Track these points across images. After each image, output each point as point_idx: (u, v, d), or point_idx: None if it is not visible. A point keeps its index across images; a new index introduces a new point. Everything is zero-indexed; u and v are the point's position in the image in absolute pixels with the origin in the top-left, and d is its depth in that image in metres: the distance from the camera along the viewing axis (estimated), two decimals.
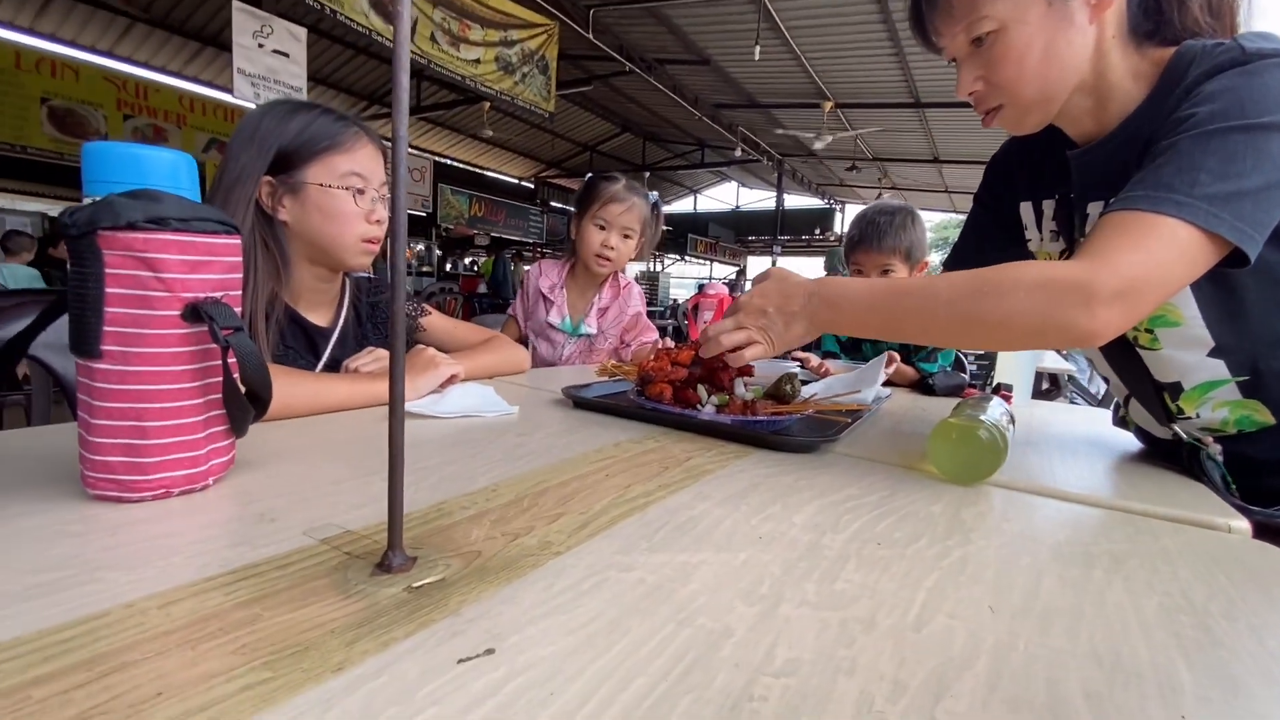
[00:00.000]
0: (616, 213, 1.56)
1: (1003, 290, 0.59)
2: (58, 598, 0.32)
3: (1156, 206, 0.57)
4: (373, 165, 0.93)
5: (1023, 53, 0.65)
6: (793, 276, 0.73)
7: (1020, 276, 0.59)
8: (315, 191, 0.88)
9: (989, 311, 0.60)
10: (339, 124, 0.91)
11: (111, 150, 0.47)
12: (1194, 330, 0.68)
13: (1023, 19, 0.64)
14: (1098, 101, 0.70)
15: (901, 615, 0.36)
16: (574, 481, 0.57)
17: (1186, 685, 0.31)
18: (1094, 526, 0.54)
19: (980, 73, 0.68)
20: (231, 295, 0.48)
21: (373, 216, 0.93)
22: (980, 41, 0.66)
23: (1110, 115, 0.70)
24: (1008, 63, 0.66)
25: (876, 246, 1.44)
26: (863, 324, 0.68)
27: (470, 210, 11.07)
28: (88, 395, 0.45)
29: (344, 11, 4.34)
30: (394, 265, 0.35)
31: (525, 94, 6.12)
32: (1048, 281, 0.58)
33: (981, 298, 0.60)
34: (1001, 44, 0.65)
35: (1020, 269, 0.60)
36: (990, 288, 0.59)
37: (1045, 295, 0.58)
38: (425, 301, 1.23)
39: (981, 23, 0.65)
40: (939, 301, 0.62)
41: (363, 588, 0.35)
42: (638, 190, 1.60)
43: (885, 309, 0.66)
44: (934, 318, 0.63)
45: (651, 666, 0.29)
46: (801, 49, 7.12)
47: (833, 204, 16.66)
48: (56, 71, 6.72)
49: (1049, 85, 0.66)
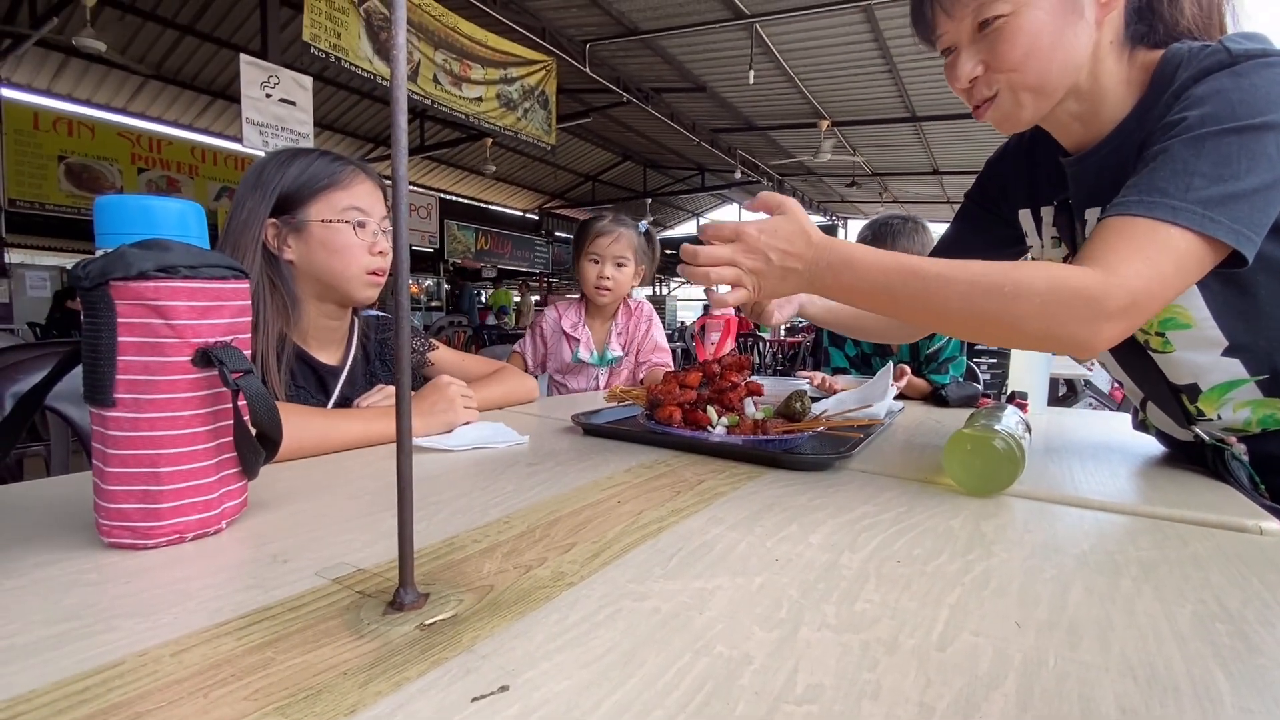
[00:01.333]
0: (605, 244, 1.65)
1: (1017, 293, 0.58)
2: (72, 648, 0.32)
3: (1152, 212, 0.57)
4: (372, 200, 0.96)
5: (1033, 37, 0.64)
6: (807, 222, 0.65)
7: (1033, 282, 0.58)
8: (318, 228, 0.91)
9: (999, 312, 0.59)
10: (336, 164, 0.94)
11: (122, 203, 0.48)
12: (1206, 331, 0.68)
13: (1037, 3, 0.63)
14: (1089, 107, 0.70)
15: (925, 634, 0.35)
16: (586, 510, 0.56)
17: (1226, 697, 0.30)
18: (1119, 534, 0.53)
19: (983, 57, 0.67)
20: (241, 339, 0.49)
21: (375, 248, 0.95)
22: (987, 25, 0.65)
23: (1102, 122, 0.70)
24: (1015, 46, 0.65)
25: (891, 247, 1.46)
26: (866, 296, 0.63)
27: (477, 244, 11.23)
28: (102, 444, 0.46)
29: (348, 59, 4.47)
30: (399, 302, 0.35)
31: (527, 129, 6.25)
32: (1059, 291, 0.57)
33: (994, 297, 0.59)
34: (1011, 27, 0.64)
35: (1033, 273, 0.59)
36: (1005, 287, 0.58)
37: (1056, 305, 0.57)
38: (435, 336, 1.24)
39: (996, 4, 0.64)
40: (952, 292, 0.60)
41: (375, 627, 0.35)
42: (624, 221, 1.69)
43: (894, 287, 0.62)
44: (944, 308, 0.61)
45: (669, 699, 0.29)
46: (795, 71, 7.23)
47: (834, 220, 16.75)
48: (73, 130, 6.96)
49: (1050, 76, 0.66)
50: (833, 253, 0.63)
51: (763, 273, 0.64)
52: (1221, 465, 0.71)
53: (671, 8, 6.05)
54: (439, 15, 5.16)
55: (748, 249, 0.64)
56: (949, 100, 7.76)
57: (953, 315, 0.61)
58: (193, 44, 7.26)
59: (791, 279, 0.64)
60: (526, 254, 12.51)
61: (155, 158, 7.54)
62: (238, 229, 0.89)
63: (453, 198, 12.31)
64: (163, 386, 0.45)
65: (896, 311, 0.64)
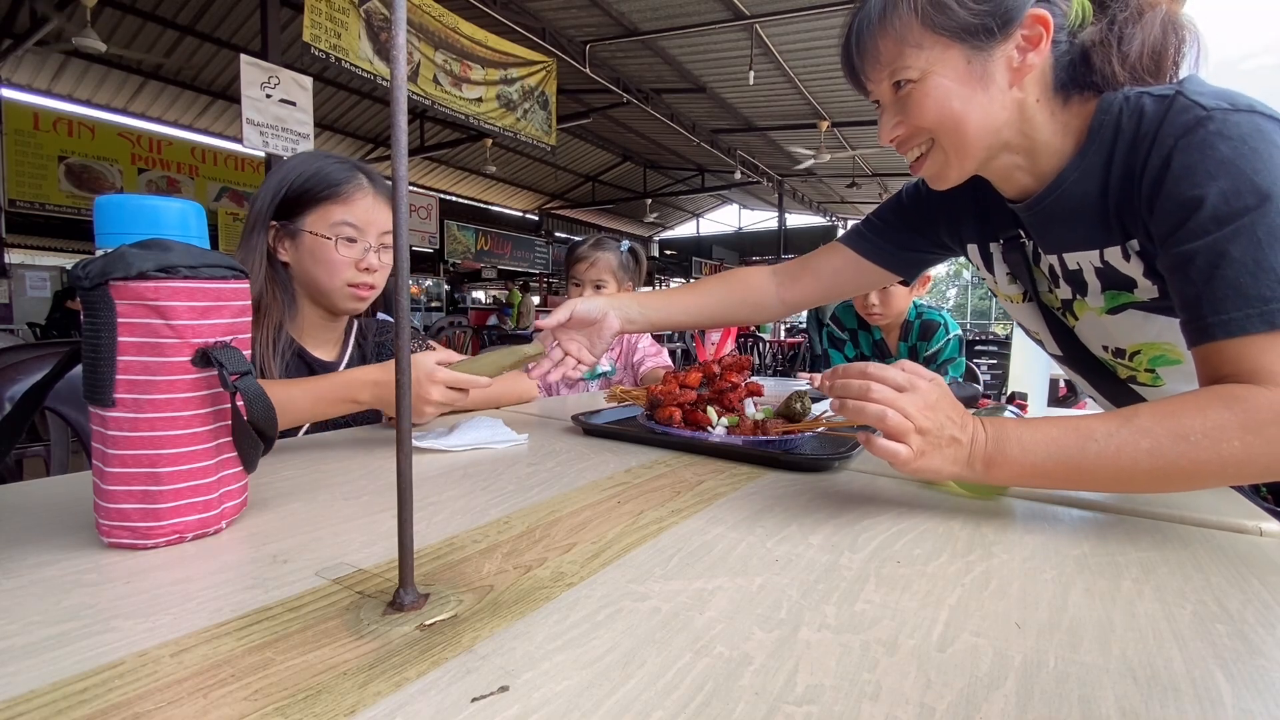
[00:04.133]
0: (583, 270, 1.73)
1: (1212, 437, 0.52)
2: (72, 648, 0.32)
3: (1274, 321, 0.54)
4: (370, 215, 0.96)
5: (940, 103, 0.65)
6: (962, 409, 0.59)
7: (1223, 422, 0.52)
8: (308, 238, 0.94)
9: (1201, 459, 0.52)
10: (344, 173, 0.95)
11: (122, 203, 0.48)
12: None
13: (941, 72, 0.64)
14: (1028, 159, 0.70)
15: (925, 635, 0.35)
16: (585, 510, 0.56)
17: (1227, 698, 0.30)
18: (1119, 535, 0.53)
19: (899, 117, 0.69)
20: (241, 339, 0.49)
21: (362, 264, 0.96)
22: (900, 86, 0.67)
23: (1044, 171, 0.70)
24: (925, 110, 0.66)
25: None
26: (1038, 471, 0.55)
27: (477, 244, 11.23)
28: (102, 444, 0.46)
29: (349, 59, 4.47)
30: (399, 302, 0.36)
31: (527, 129, 6.26)
32: (1258, 423, 0.52)
33: (1187, 445, 0.52)
34: (920, 91, 0.66)
35: (1210, 411, 0.53)
36: (1193, 435, 0.52)
37: (1265, 437, 0.51)
38: (435, 336, 1.25)
39: (904, 70, 0.66)
40: (1138, 450, 0.53)
41: (375, 627, 0.35)
42: (603, 244, 1.76)
43: (1068, 458, 0.54)
44: (1133, 467, 0.53)
45: (669, 699, 0.29)
46: (795, 72, 7.24)
47: (834, 221, 16.75)
48: (73, 130, 6.96)
49: (966, 139, 0.66)
50: (991, 425, 0.57)
51: (930, 435, 0.54)
52: None
53: (671, 8, 6.05)
54: (439, 16, 5.17)
55: (925, 405, 0.54)
56: None
57: (1144, 472, 0.53)
58: (193, 44, 7.26)
59: (951, 456, 0.56)
60: (526, 254, 12.51)
61: (155, 158, 7.55)
62: (250, 224, 0.94)
63: (453, 198, 12.33)
64: (163, 386, 0.45)
65: (1078, 479, 0.55)
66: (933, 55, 0.64)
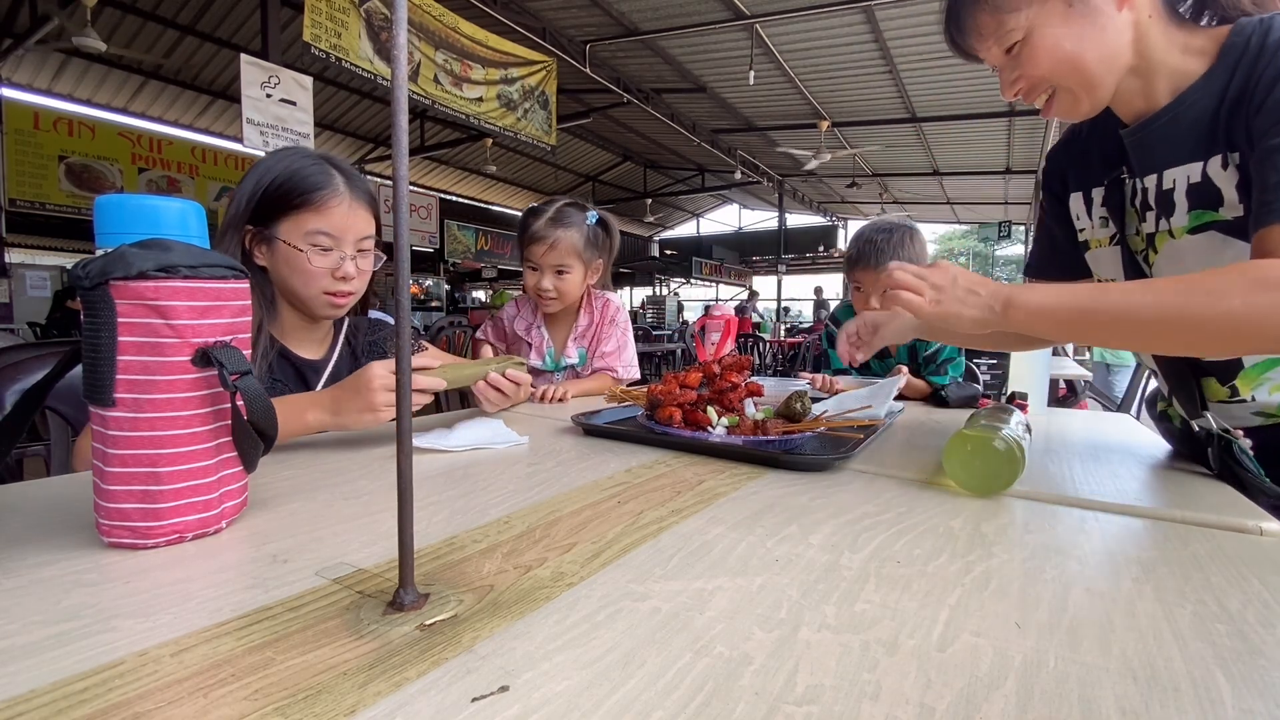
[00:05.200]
0: (540, 254, 1.40)
1: (1217, 294, 0.56)
2: (72, 648, 0.32)
3: None
4: (346, 223, 0.92)
5: (1051, 50, 0.68)
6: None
7: (1231, 281, 0.56)
8: (283, 246, 0.91)
9: (1205, 314, 0.56)
10: (320, 178, 0.91)
11: (122, 202, 0.48)
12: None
13: (1045, 24, 0.67)
14: (1146, 80, 0.72)
15: (925, 635, 0.35)
16: (586, 510, 0.56)
17: (1226, 697, 0.30)
18: (1120, 535, 0.53)
19: (1017, 73, 0.72)
20: (241, 339, 0.49)
21: (338, 273, 0.93)
22: (1011, 49, 0.71)
23: (1159, 91, 0.72)
24: (1038, 63, 0.69)
25: (875, 265, 1.44)
26: (1053, 317, 0.64)
27: (477, 244, 11.22)
28: (102, 443, 0.46)
29: (349, 59, 4.47)
30: (399, 302, 0.35)
31: (527, 129, 6.25)
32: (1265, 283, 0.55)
33: (1189, 298, 0.57)
34: (1029, 47, 0.69)
35: (1223, 273, 0.58)
36: (1200, 290, 0.57)
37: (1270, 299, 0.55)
38: (435, 336, 1.24)
39: (1008, 35, 0.69)
40: (1144, 301, 0.59)
41: (375, 627, 0.35)
42: (563, 221, 1.40)
43: (1080, 305, 0.63)
44: (1139, 315, 0.60)
45: (669, 699, 0.29)
46: (795, 72, 7.23)
47: (835, 221, 16.75)
48: (73, 130, 6.95)
49: (1089, 73, 0.69)
50: (1012, 286, 0.68)
51: (944, 290, 0.70)
52: (1230, 458, 0.71)
53: (672, 8, 6.05)
54: (439, 15, 5.16)
55: (938, 272, 0.71)
56: (949, 101, 7.76)
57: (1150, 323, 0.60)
58: (193, 44, 7.26)
59: (972, 302, 0.69)
60: None
61: (155, 158, 7.53)
62: (227, 224, 0.92)
63: (453, 198, 12.32)
64: (162, 386, 0.45)
65: (1086, 328, 0.64)
66: (1031, 12, 0.67)
